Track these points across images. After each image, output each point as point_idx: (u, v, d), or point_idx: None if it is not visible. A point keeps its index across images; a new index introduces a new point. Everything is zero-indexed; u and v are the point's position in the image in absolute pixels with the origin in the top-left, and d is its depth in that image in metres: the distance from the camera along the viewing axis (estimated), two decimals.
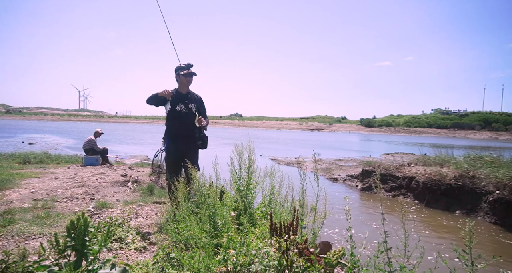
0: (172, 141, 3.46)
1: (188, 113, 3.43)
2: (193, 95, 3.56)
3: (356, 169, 10.70)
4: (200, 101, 3.59)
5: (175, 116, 3.40)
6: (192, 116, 3.46)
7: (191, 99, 3.48)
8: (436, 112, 77.68)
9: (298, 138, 35.58)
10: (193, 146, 3.44)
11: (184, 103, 3.42)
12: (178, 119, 3.40)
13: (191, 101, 3.46)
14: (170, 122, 3.48)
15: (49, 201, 4.16)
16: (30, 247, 2.54)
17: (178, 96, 3.43)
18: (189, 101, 3.44)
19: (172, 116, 3.42)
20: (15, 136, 23.18)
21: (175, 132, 3.45)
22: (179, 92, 3.47)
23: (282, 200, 2.87)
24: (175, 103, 3.38)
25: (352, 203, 7.08)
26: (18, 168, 7.15)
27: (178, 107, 3.39)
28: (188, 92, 3.51)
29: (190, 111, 3.44)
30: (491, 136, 50.82)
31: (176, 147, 3.41)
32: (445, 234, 5.17)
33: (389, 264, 1.44)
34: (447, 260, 1.31)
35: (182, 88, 3.48)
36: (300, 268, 1.68)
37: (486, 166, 6.90)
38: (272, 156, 14.92)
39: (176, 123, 3.43)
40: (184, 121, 3.42)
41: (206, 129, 3.52)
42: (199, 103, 3.56)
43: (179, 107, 3.40)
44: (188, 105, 3.43)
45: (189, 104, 3.43)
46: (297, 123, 79.74)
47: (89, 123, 63.74)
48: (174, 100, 3.37)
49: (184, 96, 3.44)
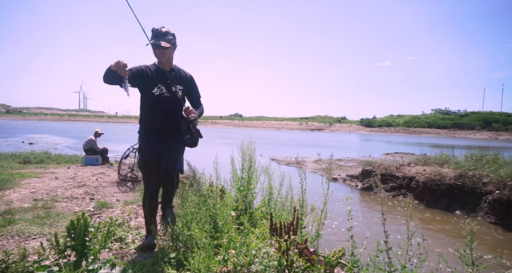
0: (147, 137, 2.53)
1: (171, 99, 2.49)
2: (180, 73, 2.59)
3: (356, 169, 10.70)
4: (190, 82, 2.64)
5: (153, 101, 2.47)
6: (177, 102, 2.50)
7: (176, 78, 2.52)
8: (436, 112, 77.73)
9: (298, 138, 35.58)
10: (177, 142, 2.52)
11: (166, 84, 2.47)
12: (156, 106, 2.48)
13: (176, 82, 2.51)
14: (145, 111, 2.54)
15: (49, 201, 4.16)
16: (30, 247, 2.54)
17: (157, 74, 2.47)
18: (172, 82, 2.48)
19: (149, 102, 2.49)
20: (15, 136, 23.17)
21: (151, 124, 2.51)
22: (158, 69, 2.50)
23: (282, 200, 2.88)
24: (153, 84, 2.45)
25: (352, 203, 7.07)
26: (18, 168, 7.15)
27: (156, 89, 2.45)
28: (172, 68, 2.53)
29: (174, 96, 2.49)
30: (491, 136, 50.83)
31: (152, 145, 2.48)
32: (445, 234, 5.17)
33: (390, 264, 1.44)
34: (448, 260, 1.31)
35: (162, 63, 2.46)
36: (300, 268, 1.68)
37: (488, 165, 6.90)
38: (272, 156, 14.92)
39: (153, 112, 2.50)
40: (165, 109, 2.49)
41: (196, 124, 2.55)
42: (188, 84, 2.61)
43: (158, 90, 2.45)
44: (171, 87, 2.48)
45: (172, 85, 2.48)
46: (297, 123, 79.76)
47: (89, 123, 63.74)
48: (151, 79, 2.45)
49: (165, 75, 2.44)
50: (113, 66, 2.10)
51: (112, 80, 2.22)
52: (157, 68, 2.50)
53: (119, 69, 2.08)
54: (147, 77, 2.44)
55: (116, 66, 2.08)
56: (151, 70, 2.47)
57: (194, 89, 2.67)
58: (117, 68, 2.08)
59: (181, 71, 2.61)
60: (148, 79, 2.43)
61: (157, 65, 2.51)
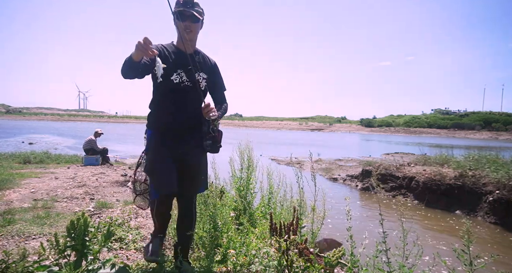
0: (160, 138, 1.94)
1: (192, 89, 1.92)
2: (204, 58, 2.04)
3: (356, 169, 10.70)
4: (215, 70, 2.08)
5: (170, 91, 1.90)
6: (198, 94, 1.93)
7: (200, 64, 1.96)
8: (436, 112, 77.79)
9: (298, 138, 35.58)
10: (197, 148, 1.97)
11: (187, 70, 1.90)
12: (176, 97, 1.92)
13: (199, 69, 1.95)
14: (158, 105, 1.98)
15: (49, 201, 4.16)
16: (30, 247, 2.54)
17: (177, 57, 1.91)
18: (196, 68, 1.92)
19: (165, 92, 1.92)
20: (15, 136, 23.18)
21: (167, 120, 1.93)
22: (178, 50, 1.94)
23: (281, 200, 2.88)
24: (172, 69, 1.86)
25: (352, 203, 7.08)
26: (18, 168, 7.15)
27: (176, 75, 1.89)
28: (196, 51, 2.00)
29: (195, 86, 1.93)
30: (491, 136, 50.85)
31: (165, 149, 1.91)
32: (445, 234, 5.18)
33: (388, 263, 1.44)
34: (446, 260, 1.32)
35: (182, 43, 1.91)
36: (300, 268, 1.69)
37: (488, 165, 6.91)
38: (272, 156, 14.92)
39: (170, 106, 1.92)
40: (185, 102, 1.93)
41: (216, 125, 1.94)
42: (212, 73, 2.05)
43: (177, 76, 1.89)
44: (193, 74, 1.91)
45: (196, 72, 1.92)
46: (297, 123, 79.79)
47: (89, 123, 63.74)
48: (169, 63, 1.85)
49: (186, 58, 1.88)
50: (135, 54, 1.58)
51: (136, 71, 1.70)
52: (176, 50, 1.94)
53: (144, 51, 1.55)
54: (164, 59, 1.81)
55: (140, 49, 1.55)
56: (169, 51, 1.90)
57: (219, 79, 2.10)
58: (142, 51, 1.55)
59: (205, 56, 2.06)
60: (166, 62, 1.78)
61: (177, 46, 1.96)
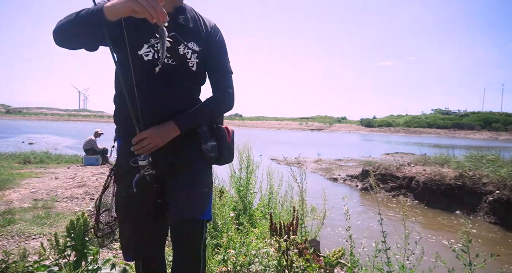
0: (128, 149, 1.13)
1: (175, 69, 1.15)
2: (195, 19, 1.22)
3: (356, 169, 10.70)
4: (212, 39, 1.24)
5: (139, 73, 1.09)
6: (187, 76, 1.19)
7: (186, 28, 1.17)
8: (436, 112, 77.82)
9: (298, 138, 35.58)
10: (194, 158, 1.20)
11: (164, 39, 0.99)
12: (148, 82, 1.12)
13: (184, 34, 1.15)
14: (123, 94, 1.08)
15: (49, 201, 4.16)
16: (30, 247, 2.54)
17: (148, 21, 0.94)
18: (178, 34, 1.13)
19: (132, 75, 1.07)
20: (15, 136, 23.17)
21: (137, 120, 1.10)
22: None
23: (281, 200, 2.88)
24: (140, 39, 1.11)
25: (352, 203, 7.08)
26: (18, 168, 7.15)
27: (146, 49, 1.11)
28: (180, 7, 1.18)
29: (182, 63, 1.16)
30: (491, 136, 50.84)
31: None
32: (445, 234, 5.18)
33: (389, 263, 1.44)
34: (446, 261, 1.32)
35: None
36: (300, 268, 1.69)
37: (488, 165, 6.92)
38: (272, 156, 14.91)
39: (141, 95, 1.10)
40: (163, 90, 1.14)
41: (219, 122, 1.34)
42: (209, 42, 1.23)
43: (149, 50, 1.12)
44: (176, 45, 1.12)
45: (180, 43, 1.13)
46: (297, 123, 79.79)
47: (89, 123, 63.73)
48: (136, 30, 1.09)
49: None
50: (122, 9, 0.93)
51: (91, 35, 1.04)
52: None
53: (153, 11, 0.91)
54: (130, 26, 1.08)
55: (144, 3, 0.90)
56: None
57: (221, 54, 1.27)
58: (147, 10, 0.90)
59: (198, 16, 1.24)
60: (131, 30, 1.08)
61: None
